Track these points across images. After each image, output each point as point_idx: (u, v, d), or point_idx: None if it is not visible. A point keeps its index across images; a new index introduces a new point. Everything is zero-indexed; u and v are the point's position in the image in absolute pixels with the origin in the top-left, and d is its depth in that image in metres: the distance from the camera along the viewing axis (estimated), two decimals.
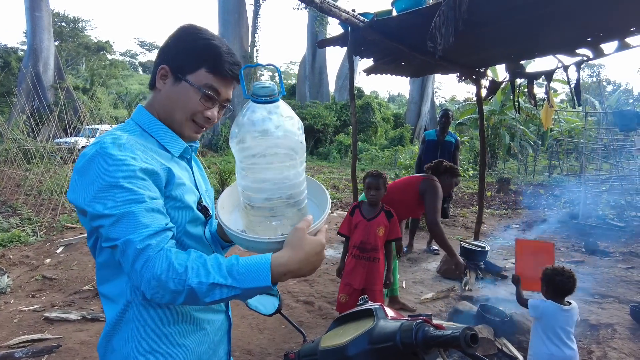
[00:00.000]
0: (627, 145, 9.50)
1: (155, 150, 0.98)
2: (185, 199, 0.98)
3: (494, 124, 15.52)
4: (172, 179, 0.95)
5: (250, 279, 0.81)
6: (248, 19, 19.44)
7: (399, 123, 24.10)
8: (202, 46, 0.99)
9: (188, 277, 0.79)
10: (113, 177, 0.84)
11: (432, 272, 4.70)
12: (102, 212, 0.83)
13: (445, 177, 3.44)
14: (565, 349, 2.14)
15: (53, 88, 17.32)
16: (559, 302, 2.22)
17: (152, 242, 0.82)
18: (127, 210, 0.83)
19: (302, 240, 0.87)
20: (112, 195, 0.83)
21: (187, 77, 0.99)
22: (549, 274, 2.26)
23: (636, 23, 3.47)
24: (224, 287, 0.81)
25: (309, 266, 0.88)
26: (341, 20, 3.65)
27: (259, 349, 2.97)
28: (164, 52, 1.02)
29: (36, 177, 7.48)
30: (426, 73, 5.88)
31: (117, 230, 0.83)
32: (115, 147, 0.87)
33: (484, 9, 3.09)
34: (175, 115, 1.02)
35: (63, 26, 31.28)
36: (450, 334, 0.74)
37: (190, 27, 1.04)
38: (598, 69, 41.03)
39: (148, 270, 0.80)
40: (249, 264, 0.83)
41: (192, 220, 1.00)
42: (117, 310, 0.95)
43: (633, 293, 4.11)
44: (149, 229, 0.83)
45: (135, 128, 1.01)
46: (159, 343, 0.96)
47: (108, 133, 0.95)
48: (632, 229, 6.85)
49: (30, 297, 3.79)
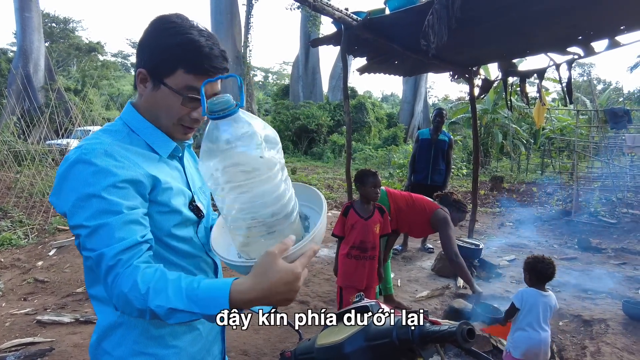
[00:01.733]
0: (618, 142, 9.60)
1: (143, 154, 0.94)
2: (172, 203, 0.95)
3: (487, 122, 15.60)
4: (157, 184, 0.92)
5: (210, 306, 0.75)
6: (241, 19, 19.37)
7: (393, 123, 24.16)
8: (176, 44, 0.91)
9: (149, 299, 0.76)
10: (92, 186, 0.82)
11: (427, 270, 4.71)
12: (79, 222, 0.82)
13: (451, 209, 3.38)
14: (541, 331, 2.29)
15: (44, 89, 17.12)
16: (540, 289, 2.37)
17: (123, 257, 0.80)
18: (103, 222, 0.81)
19: (269, 267, 0.77)
20: (89, 204, 0.82)
21: (165, 80, 0.93)
22: (531, 263, 2.41)
23: (626, 22, 3.51)
24: (182, 312, 0.76)
25: (277, 296, 0.78)
26: (334, 19, 3.65)
27: (255, 349, 2.96)
28: (140, 52, 0.96)
29: (27, 179, 7.39)
30: (419, 72, 5.90)
31: (92, 242, 0.82)
32: (96, 154, 0.84)
33: (476, 7, 3.11)
34: (161, 120, 0.98)
35: (53, 27, 30.98)
36: (447, 329, 0.74)
37: (162, 22, 0.94)
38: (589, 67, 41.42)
39: (117, 285, 0.79)
40: (209, 289, 0.77)
41: (179, 223, 0.97)
42: (109, 312, 0.93)
43: (625, 289, 4.15)
44: (122, 243, 0.81)
45: (122, 128, 0.97)
46: (151, 345, 0.95)
47: (93, 136, 0.92)
48: (623, 225, 6.93)
49: (22, 301, 3.75)
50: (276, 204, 0.85)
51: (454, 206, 3.41)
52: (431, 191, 5.03)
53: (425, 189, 5.14)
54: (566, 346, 3.12)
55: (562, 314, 3.54)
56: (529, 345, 2.28)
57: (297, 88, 24.09)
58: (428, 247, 5.48)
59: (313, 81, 24.01)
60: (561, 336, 3.25)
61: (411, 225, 3.41)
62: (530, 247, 5.82)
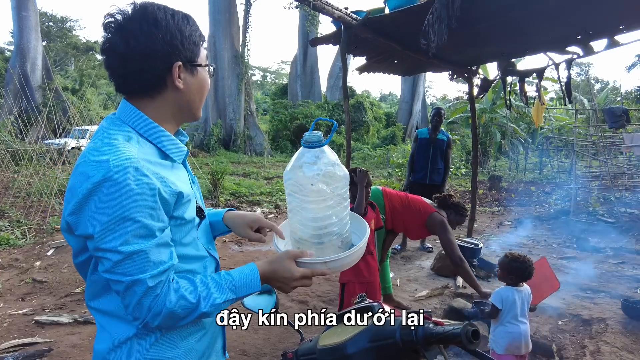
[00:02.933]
0: (616, 142, 9.63)
1: (160, 163, 0.90)
2: (188, 215, 0.94)
3: (485, 122, 15.63)
4: (179, 199, 0.90)
5: (246, 288, 0.95)
6: (239, 18, 19.35)
7: (391, 122, 24.20)
8: (191, 23, 0.94)
9: (201, 305, 0.88)
10: (126, 209, 0.79)
11: (426, 269, 4.71)
12: (111, 247, 0.79)
13: (450, 212, 3.34)
14: (520, 324, 2.36)
15: (41, 89, 17.07)
16: (516, 286, 2.42)
17: (162, 279, 0.84)
18: (138, 248, 0.80)
19: (282, 260, 1.00)
20: (123, 228, 0.79)
21: (198, 61, 0.95)
22: (507, 262, 2.44)
23: (625, 21, 3.51)
24: (226, 302, 0.93)
25: (276, 283, 1.01)
26: (334, 18, 3.64)
27: (254, 349, 2.95)
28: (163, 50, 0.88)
29: (25, 179, 7.37)
30: (418, 71, 5.91)
31: (125, 267, 0.80)
32: (128, 173, 0.79)
33: (476, 6, 3.11)
34: (202, 101, 1.01)
35: (51, 26, 30.92)
36: (452, 330, 0.73)
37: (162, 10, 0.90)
38: (587, 67, 41.55)
39: (158, 304, 0.83)
40: (242, 277, 0.95)
41: (189, 230, 0.97)
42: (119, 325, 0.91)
43: (624, 287, 4.15)
44: (158, 269, 0.83)
45: (134, 135, 0.89)
46: (161, 350, 0.93)
47: (109, 145, 0.83)
48: (621, 224, 6.94)
49: (20, 301, 3.73)
50: (318, 223, 1.08)
51: (453, 209, 3.36)
52: (430, 190, 5.05)
53: (424, 188, 5.15)
54: (565, 345, 3.12)
55: (562, 313, 3.55)
56: (511, 339, 2.34)
57: (296, 87, 24.10)
58: (427, 246, 5.49)
59: (311, 80, 24.02)
60: (560, 335, 3.26)
61: (406, 226, 3.40)
62: (529, 246, 5.82)
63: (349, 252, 1.06)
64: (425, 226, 3.25)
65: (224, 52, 18.56)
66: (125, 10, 0.88)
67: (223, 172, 8.28)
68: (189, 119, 1.02)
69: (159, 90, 0.92)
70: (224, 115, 18.87)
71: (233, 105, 18.81)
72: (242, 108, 19.13)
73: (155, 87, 0.91)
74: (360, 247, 1.08)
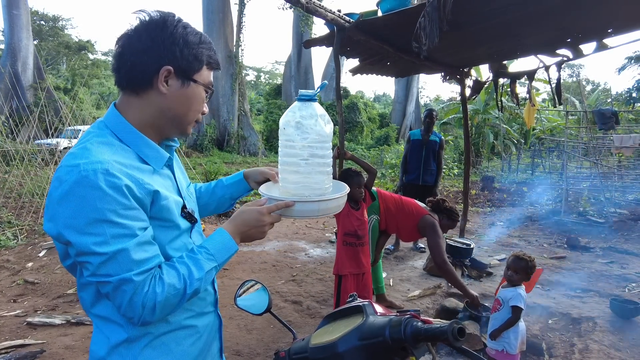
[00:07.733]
0: (606, 143, 9.75)
1: (137, 167, 0.90)
2: (170, 217, 0.95)
3: (478, 123, 15.75)
4: (156, 199, 0.91)
5: (224, 251, 0.98)
6: (233, 19, 19.29)
7: (385, 123, 24.27)
8: (199, 42, 0.95)
9: (188, 286, 0.90)
10: (101, 211, 0.79)
11: (418, 269, 4.75)
12: (91, 250, 0.79)
13: (442, 216, 3.39)
14: (522, 322, 2.49)
15: (32, 88, 16.90)
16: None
17: (149, 275, 0.85)
18: (119, 247, 0.81)
19: (244, 209, 1.04)
20: (101, 230, 0.79)
21: (195, 77, 0.95)
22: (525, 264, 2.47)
23: (613, 25, 3.57)
24: (212, 270, 0.95)
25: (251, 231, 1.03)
26: (327, 21, 3.66)
27: (248, 349, 2.96)
28: (159, 50, 0.90)
29: (16, 179, 7.29)
30: (411, 73, 5.94)
31: (109, 268, 0.81)
32: (98, 176, 0.79)
33: (467, 10, 3.14)
34: (188, 117, 0.99)
35: (42, 25, 30.56)
36: (439, 327, 0.75)
37: (174, 19, 0.93)
38: (578, 69, 41.98)
39: (149, 300, 0.84)
40: (215, 243, 0.98)
41: (177, 234, 0.98)
42: (115, 329, 0.92)
43: (613, 287, 4.22)
44: (145, 266, 0.84)
45: (111, 140, 0.90)
46: (155, 355, 0.95)
47: (85, 148, 0.85)
48: (611, 224, 7.04)
49: (11, 302, 3.70)
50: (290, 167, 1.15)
51: (446, 214, 3.42)
52: (423, 191, 5.09)
53: (417, 189, 5.19)
54: (555, 344, 3.16)
55: (552, 312, 3.60)
56: (520, 337, 2.42)
57: (290, 88, 24.07)
58: (420, 246, 5.53)
59: (305, 81, 24.00)
60: (550, 334, 3.30)
61: (399, 227, 3.44)
62: (521, 246, 5.89)
63: (317, 198, 1.12)
64: (417, 228, 3.30)
65: (218, 52, 18.35)
66: (153, 13, 0.93)
67: (217, 172, 8.28)
68: (176, 132, 1.01)
69: (144, 89, 0.93)
70: (217, 115, 18.81)
71: (227, 106, 18.76)
72: (236, 108, 19.09)
73: (142, 85, 0.92)
74: (334, 198, 1.14)
